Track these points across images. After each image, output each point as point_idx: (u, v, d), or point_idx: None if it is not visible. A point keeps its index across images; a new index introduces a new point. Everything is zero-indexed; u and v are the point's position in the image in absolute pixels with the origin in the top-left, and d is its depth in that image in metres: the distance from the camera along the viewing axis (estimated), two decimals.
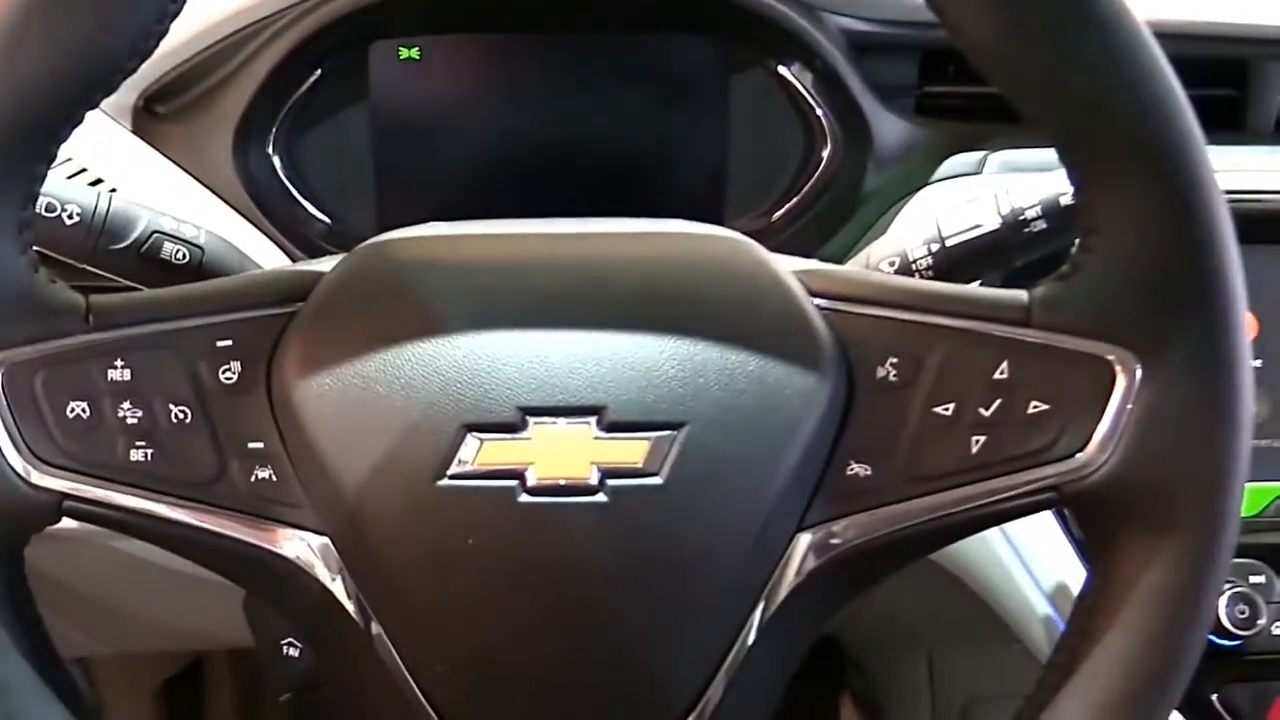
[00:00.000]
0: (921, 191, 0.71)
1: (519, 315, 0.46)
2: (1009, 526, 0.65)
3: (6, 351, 0.44)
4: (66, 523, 0.46)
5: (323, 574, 0.46)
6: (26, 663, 0.46)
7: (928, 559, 0.52)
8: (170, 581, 0.71)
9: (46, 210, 0.56)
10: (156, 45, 0.43)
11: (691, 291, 0.47)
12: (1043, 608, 0.66)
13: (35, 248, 0.45)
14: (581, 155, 0.73)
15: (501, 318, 0.46)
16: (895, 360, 0.46)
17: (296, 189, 0.72)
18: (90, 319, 0.45)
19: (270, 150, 0.72)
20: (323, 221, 0.73)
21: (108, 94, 0.43)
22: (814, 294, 0.48)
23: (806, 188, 0.73)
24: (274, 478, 0.46)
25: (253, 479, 0.46)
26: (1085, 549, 0.49)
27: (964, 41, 0.43)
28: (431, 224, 0.51)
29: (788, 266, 0.49)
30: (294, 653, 0.57)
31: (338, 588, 0.46)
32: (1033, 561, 0.66)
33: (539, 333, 0.45)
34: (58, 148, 0.44)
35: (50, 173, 0.45)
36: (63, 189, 0.57)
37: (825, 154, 0.72)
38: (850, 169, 0.72)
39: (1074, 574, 0.65)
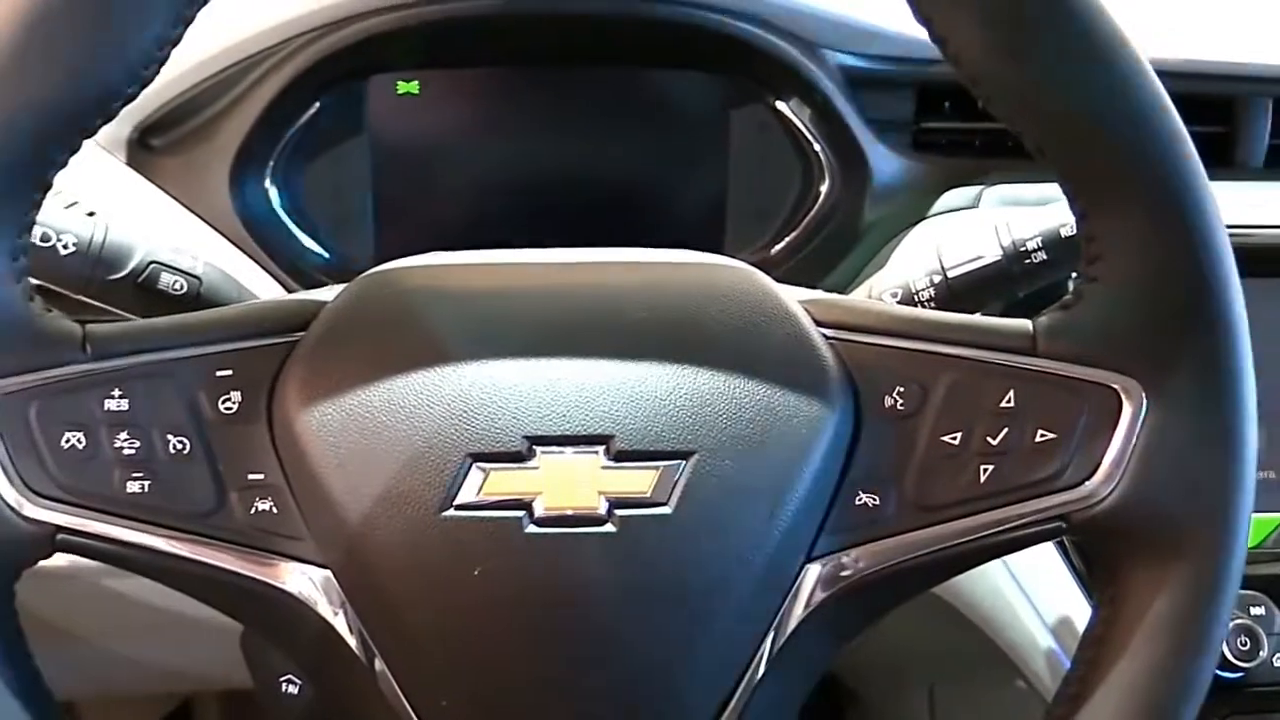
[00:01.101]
0: (919, 225, 0.71)
1: (525, 344, 0.46)
2: (1010, 559, 0.65)
3: (3, 380, 0.44)
4: (54, 559, 0.45)
5: (324, 608, 0.45)
6: (18, 702, 0.45)
7: (929, 592, 0.51)
8: (160, 621, 0.70)
9: (42, 240, 0.56)
10: (157, 72, 0.43)
11: (699, 320, 0.47)
12: (1045, 641, 0.65)
13: (31, 278, 0.45)
14: (580, 189, 0.74)
15: (507, 347, 0.45)
16: (902, 389, 0.46)
17: (294, 222, 0.72)
18: (87, 348, 0.45)
19: (268, 183, 0.71)
20: (320, 255, 0.73)
21: (107, 120, 0.43)
22: (820, 324, 0.48)
23: (805, 221, 0.73)
24: (274, 510, 0.45)
25: (253, 511, 0.45)
26: (1091, 579, 0.49)
27: (966, 73, 0.43)
28: (434, 254, 0.51)
29: (794, 296, 0.49)
30: (293, 689, 0.56)
31: (340, 622, 0.45)
32: (1035, 594, 0.65)
33: (545, 362, 0.45)
34: (54, 174, 0.43)
35: (45, 204, 0.44)
36: (58, 219, 0.57)
37: (823, 188, 0.72)
38: (848, 203, 0.72)
39: (1077, 607, 0.65)
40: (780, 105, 0.72)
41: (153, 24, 0.42)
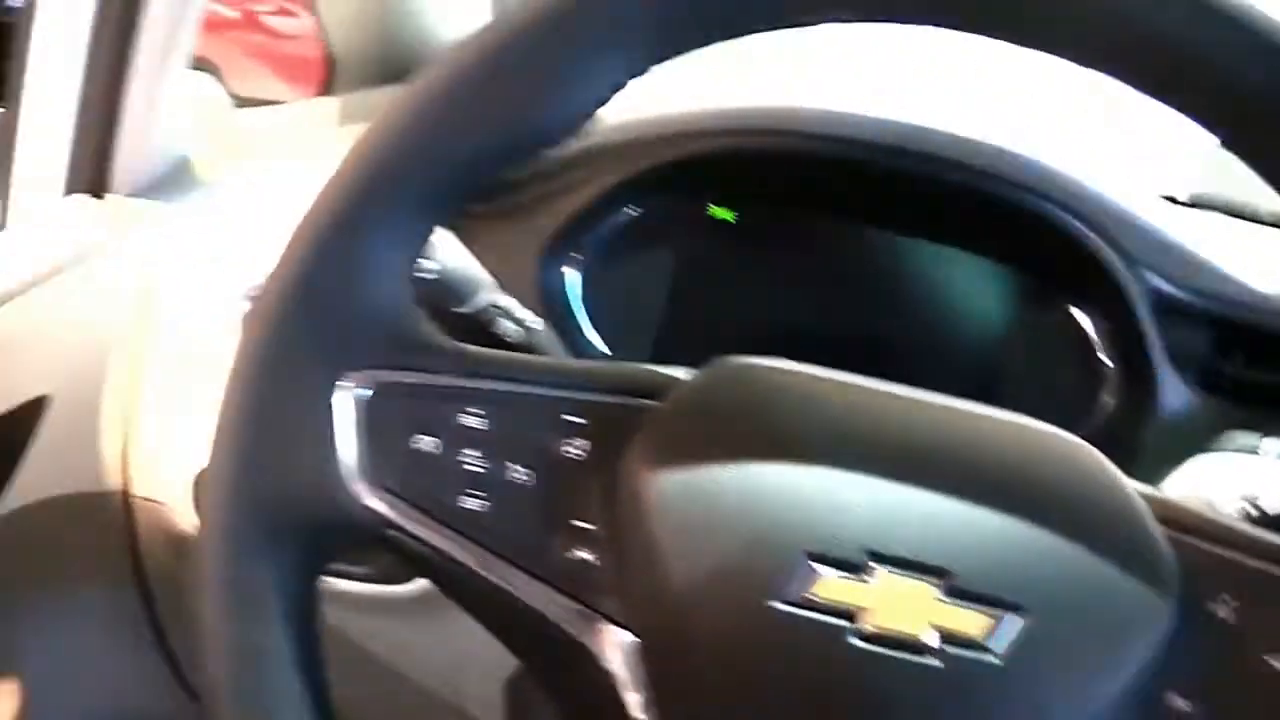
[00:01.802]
0: (1206, 456, 0.70)
1: (875, 462, 0.46)
2: None
3: (380, 371, 0.46)
4: None
5: (620, 674, 0.45)
6: (298, 675, 0.45)
7: None
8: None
9: None
10: (581, 128, 0.46)
11: (1048, 483, 0.47)
12: None
13: None
14: (860, 349, 0.75)
15: (857, 459, 0.46)
16: (1233, 602, 0.45)
17: (586, 313, 0.75)
18: (461, 363, 0.47)
19: (570, 271, 0.74)
20: (598, 349, 0.75)
21: (530, 158, 0.46)
22: (1158, 519, 0.47)
23: (1083, 431, 0.73)
24: (595, 560, 0.46)
25: (573, 556, 0.46)
26: None
27: None
28: (783, 360, 0.52)
29: (1135, 487, 0.49)
30: None
31: (630, 695, 0.45)
32: None
33: (892, 484, 0.45)
34: (468, 199, 0.46)
35: None
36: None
37: (1107, 404, 0.72)
38: (1130, 425, 0.72)
39: None
40: (1075, 312, 0.73)
41: (595, 85, 0.45)
